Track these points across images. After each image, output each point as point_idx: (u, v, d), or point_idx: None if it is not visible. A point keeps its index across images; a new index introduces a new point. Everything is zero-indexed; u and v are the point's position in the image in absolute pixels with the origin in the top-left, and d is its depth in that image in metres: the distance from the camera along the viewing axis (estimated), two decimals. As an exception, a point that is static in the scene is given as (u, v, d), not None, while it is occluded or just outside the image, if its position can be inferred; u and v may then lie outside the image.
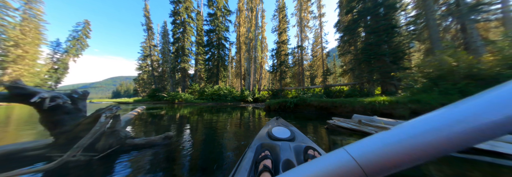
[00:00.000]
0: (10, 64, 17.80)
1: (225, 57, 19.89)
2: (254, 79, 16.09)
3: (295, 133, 1.06)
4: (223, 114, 4.91)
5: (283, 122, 1.46)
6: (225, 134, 2.32)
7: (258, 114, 4.94)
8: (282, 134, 0.98)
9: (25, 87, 0.92)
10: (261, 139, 0.94)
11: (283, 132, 1.00)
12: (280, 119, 1.54)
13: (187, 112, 5.60)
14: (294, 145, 0.80)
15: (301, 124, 3.15)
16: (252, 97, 13.34)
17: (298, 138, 0.97)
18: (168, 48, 21.68)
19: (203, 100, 13.16)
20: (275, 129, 1.04)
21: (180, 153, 1.41)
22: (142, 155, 1.31)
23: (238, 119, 3.87)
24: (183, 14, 20.08)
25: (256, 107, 8.78)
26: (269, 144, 0.84)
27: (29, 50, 18.71)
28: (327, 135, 2.19)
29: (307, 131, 2.49)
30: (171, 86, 20.46)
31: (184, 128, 2.82)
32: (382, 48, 7.38)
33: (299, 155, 0.73)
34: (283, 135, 0.96)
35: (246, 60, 16.36)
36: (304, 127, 2.78)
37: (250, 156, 0.72)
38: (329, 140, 2.00)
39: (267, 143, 0.86)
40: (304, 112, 5.13)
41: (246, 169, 0.61)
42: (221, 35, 19.02)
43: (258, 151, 0.79)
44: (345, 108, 4.26)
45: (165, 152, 1.40)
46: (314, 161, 0.35)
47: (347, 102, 4.30)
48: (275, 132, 0.99)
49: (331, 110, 4.54)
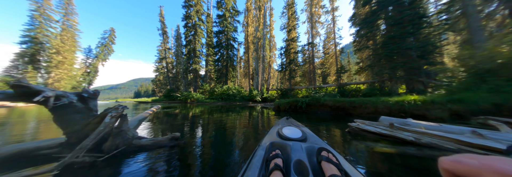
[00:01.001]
0: (53, 69, 20.93)
1: (233, 58, 20.16)
2: (262, 79, 15.90)
3: (307, 133, 1.04)
4: (231, 114, 4.85)
5: (294, 122, 1.45)
6: (234, 134, 2.21)
7: (267, 114, 4.76)
8: (293, 134, 0.97)
9: (29, 86, 0.90)
10: (272, 138, 0.94)
11: (294, 132, 0.99)
12: (291, 119, 1.55)
13: (198, 111, 5.74)
14: (306, 145, 0.79)
15: (314, 126, 2.88)
16: (260, 96, 13.18)
17: (310, 138, 0.95)
18: (181, 51, 22.80)
19: (213, 100, 13.45)
20: (285, 129, 1.04)
21: (188, 154, 1.37)
22: (148, 157, 1.26)
23: (247, 119, 3.74)
24: (194, 18, 20.97)
25: (265, 106, 8.60)
26: (279, 143, 0.83)
27: (68, 56, 21.81)
28: (346, 140, 1.92)
29: (323, 134, 2.24)
30: (184, 87, 21.50)
31: (194, 127, 2.79)
32: (407, 41, 6.52)
33: (312, 156, 0.71)
34: (294, 135, 0.95)
35: (254, 60, 16.24)
36: (319, 130, 2.52)
37: (261, 154, 0.73)
38: (351, 145, 1.73)
39: (278, 142, 0.85)
40: (318, 112, 4.77)
41: (257, 166, 0.61)
42: (230, 36, 19.28)
43: (268, 149, 0.78)
44: (365, 109, 3.81)
45: (172, 153, 1.34)
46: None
47: (368, 101, 3.84)
48: (286, 132, 0.98)
49: (349, 110, 4.12)
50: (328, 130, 2.59)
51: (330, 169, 0.56)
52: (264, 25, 15.70)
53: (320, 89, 10.44)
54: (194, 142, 1.81)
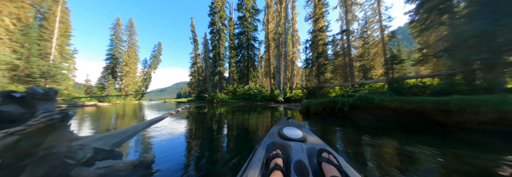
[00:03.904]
0: (123, 77, 28.86)
1: (254, 58, 20.03)
2: (284, 77, 14.61)
3: (308, 134, 1.04)
4: (252, 115, 4.20)
5: (295, 123, 1.44)
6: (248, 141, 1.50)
7: (292, 116, 3.76)
8: (293, 134, 0.95)
9: None
10: (272, 138, 0.93)
11: (294, 133, 0.98)
12: (292, 120, 1.52)
13: (221, 111, 5.65)
14: (307, 146, 0.77)
15: (376, 142, 1.70)
16: (283, 96, 12.03)
17: (310, 139, 0.94)
18: (208, 56, 25.15)
19: (235, 100, 13.52)
20: (286, 129, 1.03)
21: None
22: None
23: (269, 123, 2.96)
24: (218, 23, 22.71)
25: (289, 107, 7.48)
26: (280, 143, 0.82)
27: (132, 67, 29.76)
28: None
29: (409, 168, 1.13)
30: (211, 88, 23.49)
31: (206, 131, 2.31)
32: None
33: (312, 157, 0.70)
34: (295, 135, 0.94)
35: (275, 58, 15.23)
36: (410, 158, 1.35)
37: (261, 153, 0.73)
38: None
39: (278, 142, 0.84)
40: (370, 118, 3.33)
41: (257, 165, 0.61)
42: (250, 36, 19.22)
43: (269, 149, 0.77)
44: (476, 115, 2.16)
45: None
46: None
47: (479, 102, 2.17)
48: (286, 132, 0.97)
49: (435, 116, 2.52)
50: (435, 155, 1.27)
51: (331, 170, 0.56)
52: (286, 19, 14.43)
53: (361, 86, 8.16)
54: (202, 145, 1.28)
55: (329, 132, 2.31)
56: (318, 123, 2.97)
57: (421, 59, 7.32)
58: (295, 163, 0.62)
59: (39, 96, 0.94)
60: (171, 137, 2.02)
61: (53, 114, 0.75)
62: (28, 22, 14.28)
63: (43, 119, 0.69)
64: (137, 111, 6.80)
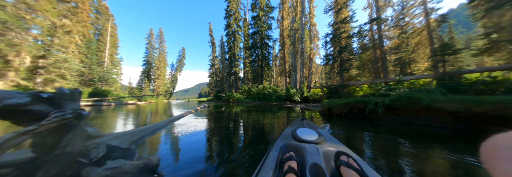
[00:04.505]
0: (156, 80, 33.51)
1: (268, 57, 19.74)
2: (301, 76, 13.75)
3: (324, 136, 0.95)
4: (267, 114, 4.04)
5: (309, 123, 1.33)
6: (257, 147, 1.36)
7: (310, 118, 3.42)
8: (308, 136, 0.90)
9: None
10: (285, 139, 0.90)
11: (309, 134, 0.92)
12: (306, 120, 1.42)
13: (238, 110, 5.75)
14: (323, 149, 0.73)
15: (426, 154, 1.26)
16: (300, 96, 11.32)
17: (327, 141, 0.88)
18: (225, 57, 26.53)
19: (250, 99, 13.61)
20: (300, 130, 0.98)
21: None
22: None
23: (283, 124, 2.74)
24: (233, 25, 23.58)
25: (306, 108, 6.92)
26: (294, 145, 0.79)
27: (162, 71, 34.45)
28: None
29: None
30: (227, 88, 24.64)
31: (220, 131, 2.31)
32: None
33: (329, 161, 0.66)
34: (309, 137, 0.88)
35: (291, 55, 14.51)
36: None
37: (274, 155, 0.71)
38: None
39: (292, 144, 0.81)
40: (416, 122, 2.64)
41: (271, 168, 0.60)
42: (264, 35, 19.01)
43: (282, 151, 0.75)
44: None
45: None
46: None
47: None
48: (301, 133, 0.93)
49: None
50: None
51: (351, 175, 0.52)
52: (302, 13, 13.54)
53: (399, 83, 6.79)
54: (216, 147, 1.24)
55: (357, 137, 1.92)
56: (343, 127, 2.54)
57: (488, 48, 5.50)
58: (311, 166, 0.59)
59: (66, 96, 1.03)
60: (183, 137, 2.07)
61: (66, 114, 0.79)
62: (90, 37, 18.31)
63: (55, 118, 0.73)
64: (167, 108, 8.03)
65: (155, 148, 1.57)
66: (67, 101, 1.05)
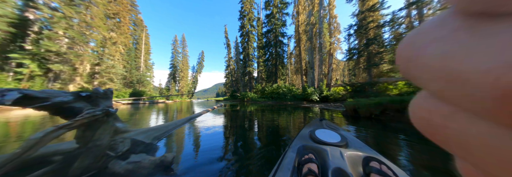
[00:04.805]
0: (180, 81, 37.42)
1: (283, 55, 19.12)
2: (320, 73, 12.72)
3: (348, 138, 0.89)
4: (282, 114, 3.87)
5: (329, 124, 1.22)
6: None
7: (331, 119, 3.05)
8: (329, 137, 0.85)
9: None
10: (303, 141, 0.86)
11: (330, 136, 0.87)
12: (326, 121, 1.30)
13: (252, 109, 5.86)
14: (349, 152, 0.68)
15: None
16: (318, 95, 10.48)
17: (353, 144, 0.81)
18: (239, 58, 27.29)
19: (264, 99, 13.49)
20: (319, 132, 0.93)
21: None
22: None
23: (300, 124, 2.53)
24: (246, 26, 23.95)
25: (326, 108, 6.31)
26: (312, 147, 0.75)
27: (185, 73, 38.34)
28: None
29: None
30: (241, 88, 25.26)
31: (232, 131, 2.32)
32: None
33: (356, 166, 0.61)
34: (331, 139, 0.83)
35: (307, 51, 13.60)
36: None
37: (292, 156, 0.69)
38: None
39: (311, 145, 0.76)
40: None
41: (288, 169, 0.59)
42: (278, 32, 18.47)
43: (300, 152, 0.72)
44: None
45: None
46: None
47: None
48: (320, 135, 0.88)
49: None
50: None
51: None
52: (320, 6, 12.46)
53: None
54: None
55: (393, 143, 1.59)
56: (374, 130, 2.16)
57: None
58: (334, 171, 0.56)
59: (100, 95, 1.18)
60: (200, 134, 2.15)
61: (96, 111, 0.88)
62: (130, 46, 21.93)
63: (87, 115, 0.82)
64: (189, 106, 9.30)
65: (173, 144, 1.66)
66: (101, 99, 1.20)
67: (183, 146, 1.58)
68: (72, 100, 1.00)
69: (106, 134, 0.91)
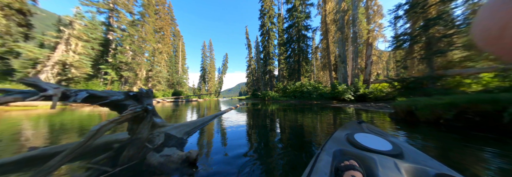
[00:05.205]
0: (208, 82, 42.10)
1: (307, 50, 17.58)
2: (354, 67, 10.82)
3: (402, 147, 0.72)
4: (306, 115, 3.53)
5: (372, 128, 1.06)
6: None
7: (371, 123, 2.44)
8: (375, 144, 0.73)
9: (36, 83, 0.84)
10: (339, 144, 0.76)
11: (376, 142, 0.75)
12: (366, 124, 1.13)
13: (274, 108, 5.85)
14: (407, 165, 0.57)
15: None
16: (352, 93, 8.98)
17: (410, 155, 0.66)
18: (260, 57, 27.60)
19: (286, 98, 12.92)
20: (360, 136, 0.82)
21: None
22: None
23: (328, 127, 2.19)
24: (267, 24, 23.77)
25: (364, 108, 5.24)
26: (354, 153, 0.65)
27: (212, 74, 42.88)
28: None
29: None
30: (262, 87, 25.42)
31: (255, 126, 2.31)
32: None
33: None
34: (378, 145, 0.70)
35: (338, 43, 11.86)
36: None
37: (327, 159, 0.62)
38: None
39: (351, 151, 0.67)
40: None
41: (325, 173, 0.55)
42: (301, 26, 17.12)
43: (337, 156, 0.65)
44: None
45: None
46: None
47: None
48: (362, 140, 0.77)
49: None
50: None
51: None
52: (352, -13, 10.53)
53: None
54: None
55: (482, 160, 1.07)
56: (445, 141, 1.55)
57: None
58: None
59: (144, 94, 1.40)
60: (223, 131, 2.24)
61: (137, 108, 1.02)
62: (171, 54, 26.64)
63: (130, 111, 0.96)
64: (216, 104, 10.37)
65: (199, 140, 1.78)
66: (145, 98, 1.43)
67: (208, 142, 1.67)
68: (124, 98, 1.23)
69: (145, 128, 1.05)
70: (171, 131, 1.56)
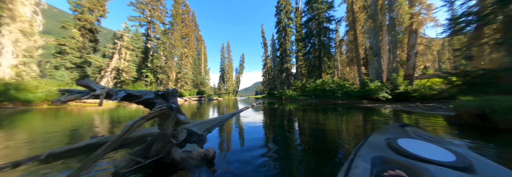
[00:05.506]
0: (227, 82, 44.48)
1: (329, 44, 15.91)
2: (392, 60, 9.08)
3: (471, 158, 0.58)
4: (328, 116, 3.19)
5: (421, 133, 0.87)
6: None
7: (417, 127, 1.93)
8: (428, 152, 0.61)
9: (88, 84, 0.98)
10: (378, 150, 0.67)
11: (430, 150, 0.63)
12: (411, 128, 0.97)
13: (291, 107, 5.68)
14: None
15: None
16: (389, 91, 7.60)
17: (485, 169, 0.53)
18: (276, 55, 27.13)
19: (305, 97, 12.13)
20: (404, 141, 0.71)
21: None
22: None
23: (356, 132, 1.87)
24: (283, 20, 22.96)
25: (406, 109, 4.28)
26: (399, 162, 0.56)
27: (230, 74, 44.91)
28: None
29: None
30: (279, 85, 24.83)
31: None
32: None
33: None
34: (432, 154, 0.59)
35: (370, 33, 10.22)
36: None
37: (365, 167, 0.55)
38: None
39: (395, 159, 0.58)
40: None
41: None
42: (322, 18, 15.62)
43: (376, 164, 0.57)
44: None
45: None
46: None
47: None
48: (408, 146, 0.66)
49: None
50: None
51: None
52: (387, -36, 8.77)
53: None
54: None
55: None
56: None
57: None
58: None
59: (170, 93, 1.54)
60: (240, 130, 2.25)
61: (162, 106, 1.11)
62: (195, 57, 29.55)
63: (157, 109, 1.06)
64: (234, 103, 11.06)
65: (217, 138, 1.83)
66: (171, 97, 1.58)
67: (226, 141, 1.70)
68: (154, 97, 1.38)
69: (170, 124, 1.14)
70: (193, 127, 1.66)
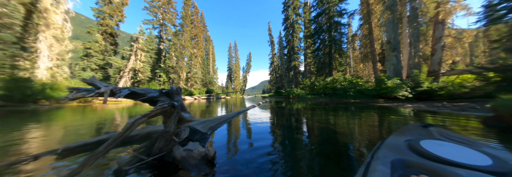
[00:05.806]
0: (234, 81, 45.18)
1: (340, 39, 14.96)
2: (414, 55, 8.20)
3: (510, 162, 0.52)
4: (339, 116, 2.99)
5: (448, 134, 0.81)
6: None
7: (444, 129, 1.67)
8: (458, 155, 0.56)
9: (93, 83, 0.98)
10: (397, 152, 0.62)
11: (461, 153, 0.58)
12: (436, 128, 0.89)
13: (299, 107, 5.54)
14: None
15: None
16: (409, 89, 6.91)
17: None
18: (283, 53, 26.55)
19: (314, 95, 11.66)
20: (430, 143, 0.66)
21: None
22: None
23: (370, 132, 1.70)
24: (291, 16, 22.24)
25: (430, 109, 3.80)
26: (423, 166, 0.52)
27: (237, 73, 45.37)
28: None
29: None
30: (286, 84, 24.32)
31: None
32: None
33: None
34: (463, 158, 0.54)
35: (387, 26, 9.36)
36: None
37: (384, 171, 0.51)
38: None
39: (418, 162, 0.53)
40: None
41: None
42: (333, 12, 14.72)
43: (397, 168, 0.54)
44: None
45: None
46: None
47: None
48: (433, 149, 0.61)
49: None
50: None
51: None
52: None
53: None
54: None
55: None
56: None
57: None
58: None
59: (174, 91, 1.54)
60: (244, 129, 2.21)
61: (164, 104, 1.11)
62: (204, 57, 30.37)
63: (159, 107, 1.06)
64: (241, 101, 11.18)
65: (220, 137, 1.81)
66: (175, 95, 1.59)
67: (229, 140, 1.67)
68: (158, 95, 1.40)
69: (172, 122, 1.14)
70: (197, 126, 1.66)
